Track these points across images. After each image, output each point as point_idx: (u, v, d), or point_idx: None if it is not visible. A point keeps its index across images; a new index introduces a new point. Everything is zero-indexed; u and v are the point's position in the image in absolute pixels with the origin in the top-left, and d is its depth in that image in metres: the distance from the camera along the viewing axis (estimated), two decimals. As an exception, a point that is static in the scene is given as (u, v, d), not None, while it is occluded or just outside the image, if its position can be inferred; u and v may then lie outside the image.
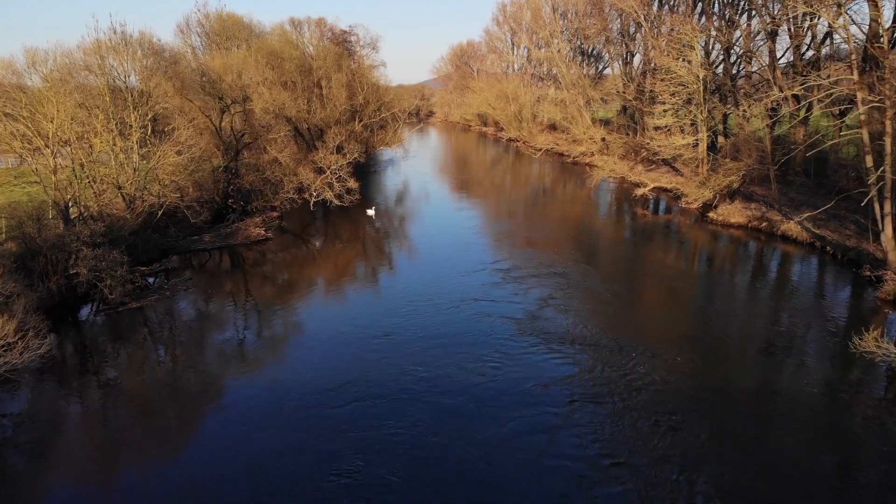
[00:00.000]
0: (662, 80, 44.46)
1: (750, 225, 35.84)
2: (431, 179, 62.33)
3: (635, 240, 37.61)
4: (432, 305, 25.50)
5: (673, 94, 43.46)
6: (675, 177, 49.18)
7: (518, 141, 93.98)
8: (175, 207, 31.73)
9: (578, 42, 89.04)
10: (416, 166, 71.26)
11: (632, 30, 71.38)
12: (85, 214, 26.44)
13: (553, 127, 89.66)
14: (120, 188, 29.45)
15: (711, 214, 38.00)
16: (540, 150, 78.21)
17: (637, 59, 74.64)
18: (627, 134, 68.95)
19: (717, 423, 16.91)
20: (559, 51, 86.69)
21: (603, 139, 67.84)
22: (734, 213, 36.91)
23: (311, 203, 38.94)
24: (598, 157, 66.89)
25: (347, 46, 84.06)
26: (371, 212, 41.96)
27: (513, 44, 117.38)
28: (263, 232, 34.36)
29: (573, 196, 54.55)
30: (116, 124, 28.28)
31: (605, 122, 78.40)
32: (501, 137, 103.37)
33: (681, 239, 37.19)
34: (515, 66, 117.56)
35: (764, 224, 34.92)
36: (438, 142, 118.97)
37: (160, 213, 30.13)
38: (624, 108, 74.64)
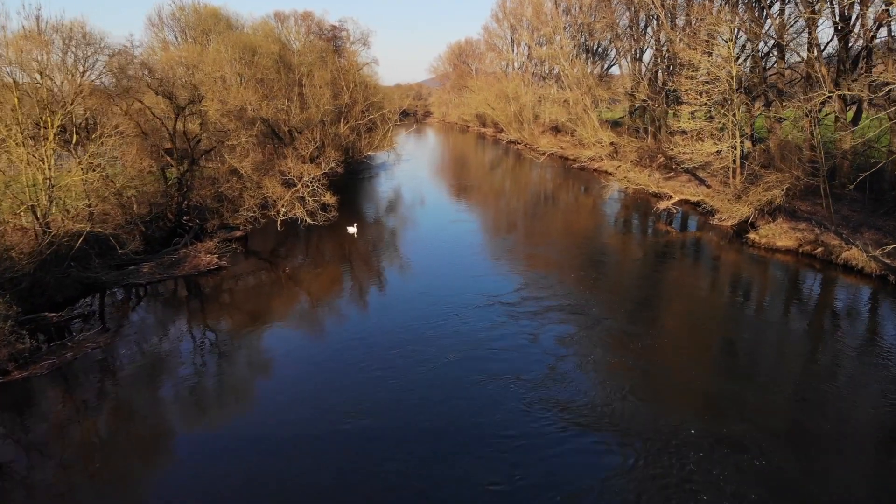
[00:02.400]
0: (688, 77, 38.63)
1: (801, 250, 29.92)
2: (425, 187, 56.36)
3: (662, 265, 31.78)
4: (417, 363, 19.66)
5: (701, 93, 37.65)
6: (699, 187, 43.37)
7: (519, 143, 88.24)
8: (110, 231, 25.81)
9: (583, 38, 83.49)
10: (409, 171, 65.38)
11: (642, 23, 65.76)
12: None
13: (556, 129, 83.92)
14: (34, 210, 23.58)
15: (752, 236, 32.09)
16: (543, 153, 72.41)
17: (647, 56, 69.12)
18: (640, 137, 63.19)
19: None
20: (562, 48, 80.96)
21: (612, 143, 62.03)
22: (780, 234, 31.04)
23: (279, 222, 33.00)
24: (607, 162, 61.19)
25: (337, 43, 78.47)
26: (352, 229, 36.14)
27: (513, 41, 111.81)
28: (216, 260, 28.40)
29: (583, 207, 48.70)
30: (21, 131, 22.37)
31: (615, 124, 72.65)
32: (501, 139, 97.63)
33: (718, 265, 31.33)
34: (515, 65, 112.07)
35: (819, 249, 29.04)
36: (435, 143, 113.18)
37: (80, 240, 24.19)
38: (633, 109, 68.86)
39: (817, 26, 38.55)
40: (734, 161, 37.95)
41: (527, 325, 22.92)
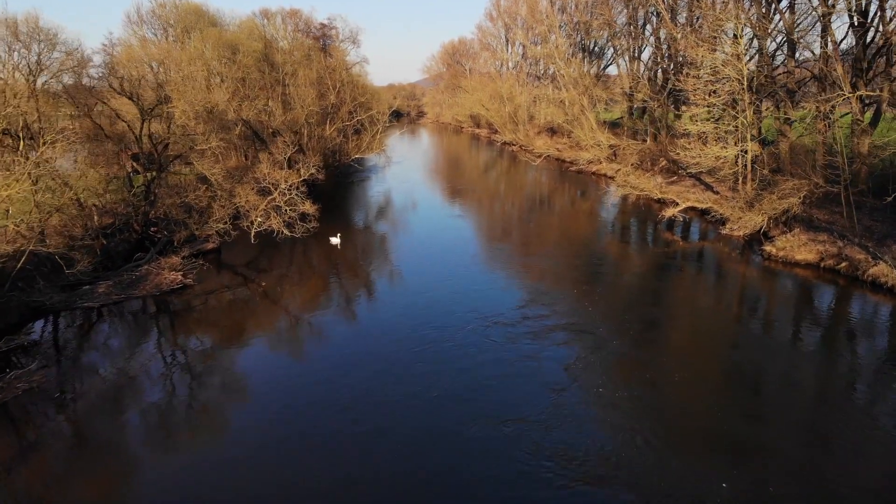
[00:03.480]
0: (695, 76, 36.15)
1: (823, 264, 27.40)
2: (416, 192, 53.62)
3: (671, 279, 29.32)
4: (400, 398, 17.21)
5: (709, 93, 35.18)
6: (705, 193, 40.91)
7: (514, 145, 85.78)
8: (54, 249, 23.08)
9: (579, 37, 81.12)
10: (400, 174, 62.76)
11: (640, 21, 63.34)
12: None
13: (552, 130, 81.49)
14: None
15: (769, 248, 29.54)
16: (539, 156, 69.97)
17: (646, 55, 66.74)
18: (640, 138, 60.81)
19: None
20: (557, 47, 78.59)
21: (611, 146, 59.58)
22: (799, 246, 28.52)
23: (252, 234, 30.28)
24: (606, 165, 58.78)
25: (326, 41, 76.02)
26: (336, 240, 33.55)
27: (507, 40, 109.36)
28: (181, 277, 25.69)
29: (582, 213, 46.16)
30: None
31: (613, 125, 70.25)
32: (496, 140, 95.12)
33: (733, 281, 28.75)
34: (510, 65, 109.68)
35: (843, 264, 26.54)
36: (428, 145, 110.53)
37: (23, 258, 21.51)
38: (632, 110, 66.46)
39: (832, 22, 36.18)
40: (744, 166, 35.51)
41: (526, 349, 20.54)
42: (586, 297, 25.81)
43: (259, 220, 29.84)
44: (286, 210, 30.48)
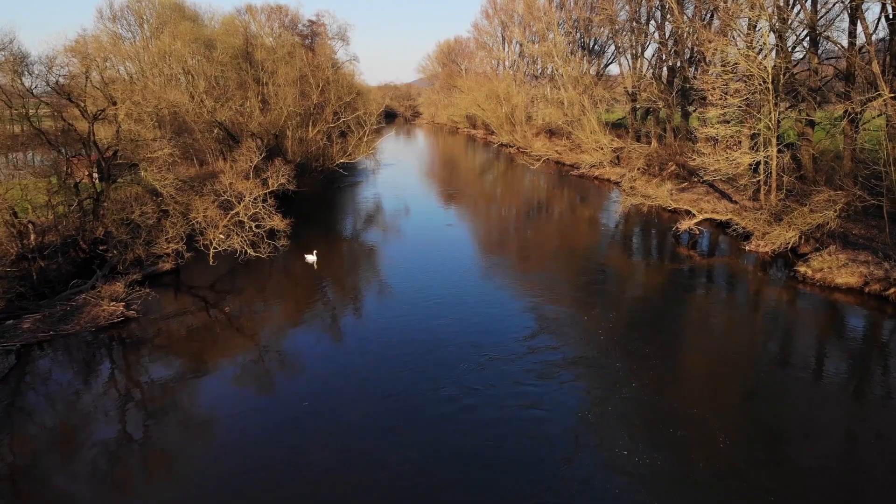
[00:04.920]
0: (716, 74, 32.52)
1: (868, 289, 23.70)
2: (407, 199, 49.67)
3: (693, 304, 25.72)
4: (374, 469, 13.61)
5: (728, 92, 31.55)
6: (722, 203, 37.29)
7: (511, 147, 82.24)
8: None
9: (578, 35, 77.67)
10: (391, 180, 59.11)
11: (644, 16, 59.78)
12: None
13: (551, 132, 77.91)
14: None
15: (802, 268, 25.81)
16: (538, 158, 66.40)
17: (650, 51, 63.26)
18: (646, 142, 57.26)
19: None
20: (556, 45, 75.14)
21: (614, 149, 56.01)
22: (839, 267, 24.79)
23: (210, 255, 26.49)
24: (609, 169, 55.25)
25: (313, 38, 72.57)
26: (311, 258, 29.91)
27: (504, 39, 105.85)
28: (122, 309, 21.90)
29: (587, 224, 42.43)
30: None
31: (616, 126, 66.76)
32: (492, 142, 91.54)
33: (767, 309, 24.90)
34: (507, 64, 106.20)
35: (892, 290, 22.88)
36: (422, 147, 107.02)
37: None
38: (635, 111, 62.90)
39: (863, 12, 32.62)
40: (768, 173, 31.90)
41: (529, 395, 17.14)
42: (597, 323, 22.31)
43: (220, 237, 26.08)
44: (251, 227, 26.71)
